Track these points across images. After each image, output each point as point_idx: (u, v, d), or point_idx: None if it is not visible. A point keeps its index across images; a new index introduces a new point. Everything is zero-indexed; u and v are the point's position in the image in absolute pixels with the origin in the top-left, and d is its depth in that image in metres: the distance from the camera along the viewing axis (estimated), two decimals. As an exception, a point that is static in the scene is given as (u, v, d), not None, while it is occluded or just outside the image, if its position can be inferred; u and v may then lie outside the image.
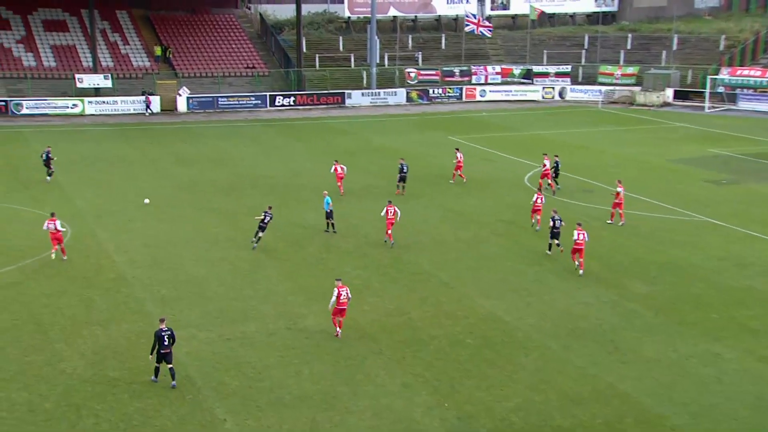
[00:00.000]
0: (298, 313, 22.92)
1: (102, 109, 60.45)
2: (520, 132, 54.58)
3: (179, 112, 62.02)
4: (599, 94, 69.26)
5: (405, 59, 74.45)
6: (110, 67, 64.77)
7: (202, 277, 25.73)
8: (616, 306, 23.67)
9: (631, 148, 48.66)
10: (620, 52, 74.83)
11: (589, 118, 61.57)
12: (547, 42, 78.23)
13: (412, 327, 22.13)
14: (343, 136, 52.52)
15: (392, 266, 26.95)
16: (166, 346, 18.52)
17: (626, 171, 41.48)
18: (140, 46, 67.93)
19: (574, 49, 76.79)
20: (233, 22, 74.32)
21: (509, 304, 23.72)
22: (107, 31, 68.24)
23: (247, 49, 71.13)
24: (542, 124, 58.37)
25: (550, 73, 72.26)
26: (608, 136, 53.13)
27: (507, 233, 30.80)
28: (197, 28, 72.27)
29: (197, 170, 41.58)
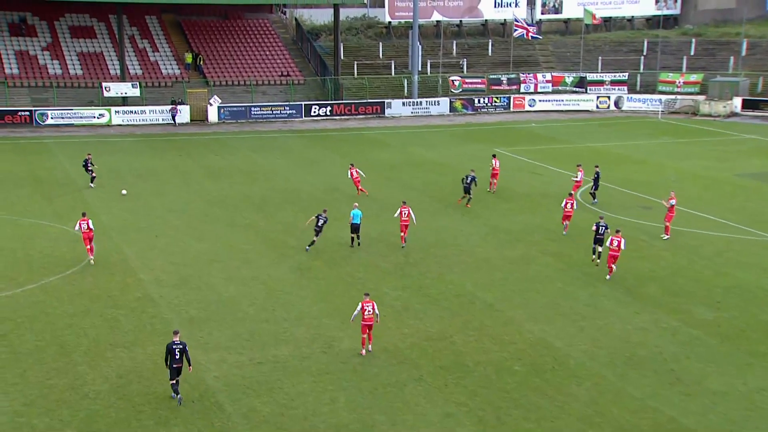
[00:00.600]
0: (333, 336, 23.03)
1: (129, 119, 61.63)
2: (572, 144, 54.25)
3: (210, 122, 62.96)
4: (659, 104, 68.57)
5: (449, 67, 74.67)
6: (138, 75, 66.11)
7: (232, 297, 26.01)
8: (678, 333, 23.34)
9: (694, 161, 48.02)
10: (683, 58, 74.09)
11: (648, 129, 60.95)
12: (603, 48, 77.81)
13: (455, 352, 22.08)
14: (382, 148, 52.77)
15: (433, 287, 26.95)
16: (178, 360, 19.09)
17: (689, 186, 40.97)
18: (170, 53, 69.26)
19: (632, 55, 76.23)
20: (267, 28, 75.41)
21: (560, 329, 23.54)
22: (136, 37, 69.75)
23: (281, 56, 72.06)
24: (596, 135, 57.96)
25: (606, 82, 71.81)
26: (669, 149, 52.52)
27: (558, 252, 30.59)
28: (229, 34, 73.45)
29: (228, 184, 42.14)
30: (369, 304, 21.54)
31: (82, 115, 60.63)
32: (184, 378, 19.92)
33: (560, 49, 78.93)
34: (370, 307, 21.52)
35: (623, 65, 74.38)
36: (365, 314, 21.50)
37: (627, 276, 27.94)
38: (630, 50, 77.07)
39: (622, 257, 28.21)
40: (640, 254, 30.36)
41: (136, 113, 61.97)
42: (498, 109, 69.56)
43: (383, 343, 22.46)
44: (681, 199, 38.06)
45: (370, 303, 21.59)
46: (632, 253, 30.42)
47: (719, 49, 74.62)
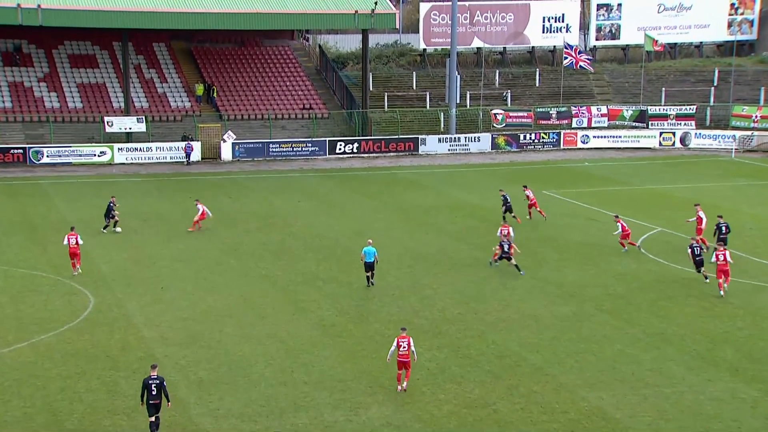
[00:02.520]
0: (360, 401, 22.98)
1: (134, 157, 62.63)
2: (632, 186, 54.07)
3: (223, 160, 63.77)
4: (732, 141, 68.27)
5: (491, 99, 75.15)
6: (144, 109, 67.35)
7: (246, 357, 26.09)
8: (759, 404, 22.96)
9: (773, 207, 47.61)
10: (760, 89, 73.91)
11: (720, 169, 60.61)
12: (667, 78, 77.95)
13: (498, 422, 21.90)
14: (415, 189, 53.01)
15: (473, 347, 26.84)
16: (155, 396, 20.52)
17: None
18: (180, 84, 70.57)
19: (701, 86, 76.22)
20: (288, 56, 76.66)
21: (620, 398, 23.27)
22: (142, 66, 71.25)
23: (303, 87, 73.07)
24: (660, 176, 57.76)
25: (670, 116, 71.75)
26: (744, 192, 52.14)
27: (616, 309, 30.37)
28: (246, 62, 74.75)
29: (243, 229, 42.52)
30: (404, 340, 23.13)
31: (81, 153, 61.77)
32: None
33: (618, 79, 79.18)
34: (405, 343, 23.10)
35: (690, 97, 74.33)
36: (400, 350, 23.04)
37: (698, 338, 27.63)
38: (698, 80, 77.08)
39: (693, 316, 27.91)
40: (712, 313, 30.03)
41: (142, 150, 62.97)
42: (546, 146, 69.70)
43: (416, 411, 22.36)
44: (758, 249, 37.76)
45: (406, 339, 23.18)
46: (704, 311, 30.13)
47: (801, 79, 74.36)
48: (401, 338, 23.20)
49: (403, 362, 23.14)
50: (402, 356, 23.07)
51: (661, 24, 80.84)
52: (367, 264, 32.36)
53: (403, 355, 23.06)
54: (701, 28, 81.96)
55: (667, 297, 31.69)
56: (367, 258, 32.28)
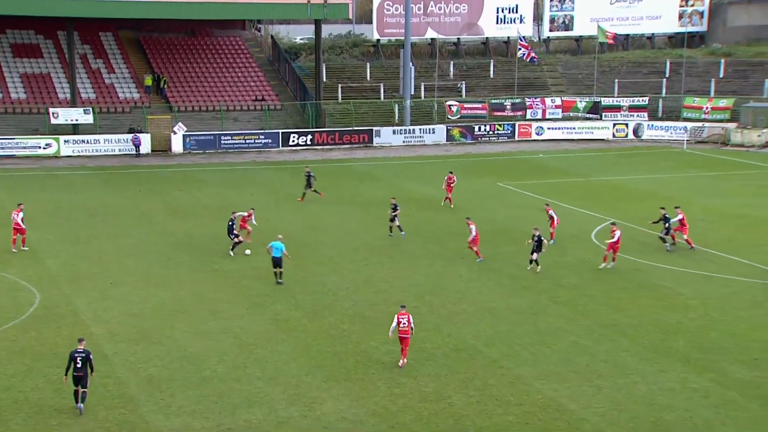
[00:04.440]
0: (314, 396, 22.97)
1: (81, 149, 61.83)
2: (586, 178, 54.67)
3: (174, 152, 63.22)
4: (684, 132, 69.34)
5: (445, 90, 75.42)
6: (92, 100, 66.48)
7: (198, 353, 25.91)
8: (710, 394, 23.36)
9: (725, 198, 48.47)
10: (710, 80, 75.14)
11: (672, 161, 61.54)
12: (619, 69, 78.90)
13: (453, 415, 22.03)
14: (370, 181, 53.03)
15: (429, 340, 26.96)
16: (80, 369, 21.50)
17: (720, 227, 41.29)
18: (128, 74, 69.73)
19: (653, 77, 77.27)
20: (240, 46, 76.13)
21: (574, 389, 23.54)
22: (88, 56, 70.26)
23: (255, 78, 72.65)
24: (613, 168, 58.47)
25: (623, 107, 72.67)
26: (696, 184, 53.00)
27: (570, 301, 30.70)
28: (196, 53, 74.11)
29: (195, 223, 42.19)
30: (404, 317, 24.47)
31: (25, 145, 60.82)
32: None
33: (571, 70, 79.95)
34: (405, 319, 24.43)
35: (643, 89, 75.32)
36: (400, 326, 24.41)
37: (650, 328, 28.05)
38: (650, 72, 78.14)
39: (646, 308, 28.33)
40: (664, 303, 30.51)
41: (89, 143, 62.20)
42: (501, 138, 70.18)
43: (371, 405, 22.41)
44: (709, 240, 38.41)
45: (406, 315, 24.53)
46: (656, 302, 30.60)
47: (752, 71, 75.77)
48: (401, 315, 24.51)
49: (403, 338, 24.53)
50: (402, 332, 24.45)
51: (613, 15, 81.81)
52: (274, 259, 32.10)
53: (403, 331, 24.44)
54: (653, 19, 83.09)
55: (620, 288, 32.13)
56: (274, 253, 32.05)
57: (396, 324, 24.53)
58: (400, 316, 24.53)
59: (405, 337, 24.57)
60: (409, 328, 24.51)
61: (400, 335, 24.58)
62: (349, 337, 27.23)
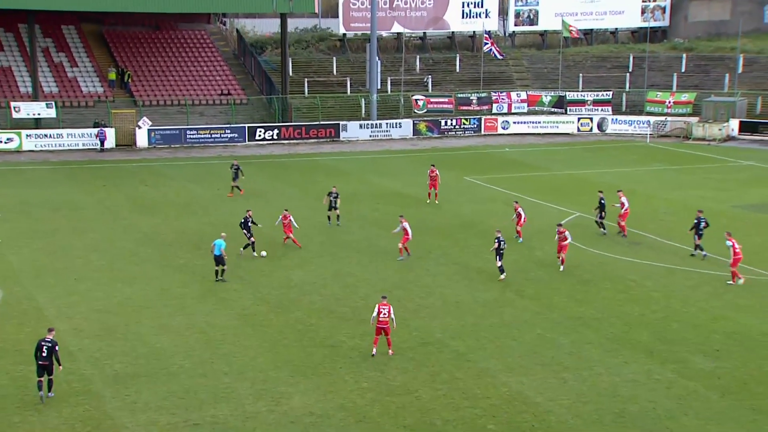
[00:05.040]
0: (281, 391, 22.95)
1: (44, 144, 61.12)
2: (551, 172, 55.03)
3: (139, 147, 62.71)
4: (647, 126, 70.02)
5: (412, 84, 75.47)
6: (54, 94, 65.69)
7: (164, 348, 25.79)
8: (673, 385, 23.66)
9: (687, 191, 49.03)
10: (673, 75, 75.89)
11: (636, 154, 62.12)
12: (584, 63, 79.42)
13: (420, 409, 22.12)
14: (336, 176, 52.94)
15: (396, 334, 26.97)
16: (45, 358, 21.90)
17: (682, 220, 41.73)
18: (91, 68, 68.99)
19: (617, 71, 77.88)
20: (205, 40, 75.60)
21: (540, 382, 23.73)
22: (51, 50, 69.40)
23: (221, 72, 72.21)
24: (578, 162, 58.89)
25: (587, 101, 73.19)
26: (659, 177, 53.55)
27: (536, 295, 30.92)
28: (161, 47, 73.48)
29: (161, 219, 41.90)
30: (385, 307, 24.78)
31: (-14, 140, 59.96)
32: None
33: (536, 64, 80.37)
34: (386, 309, 24.75)
35: (607, 83, 75.90)
36: (381, 316, 24.67)
37: (614, 321, 28.34)
38: (614, 66, 78.73)
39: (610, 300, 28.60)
40: (628, 296, 30.84)
41: (52, 137, 61.51)
42: (467, 132, 70.39)
43: (339, 399, 22.44)
44: (672, 233, 38.85)
45: (387, 306, 24.84)
46: (620, 294, 30.92)
47: (713, 66, 76.60)
48: (382, 305, 24.83)
49: (381, 328, 24.76)
50: (381, 322, 24.71)
51: (577, 10, 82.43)
52: (216, 257, 31.85)
53: (383, 321, 24.71)
54: (616, 14, 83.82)
55: (585, 281, 32.43)
56: (215, 251, 31.85)
57: (377, 314, 24.80)
58: (381, 306, 24.84)
59: (384, 327, 24.86)
60: (389, 318, 24.82)
61: (379, 325, 24.81)
62: (316, 331, 27.23)
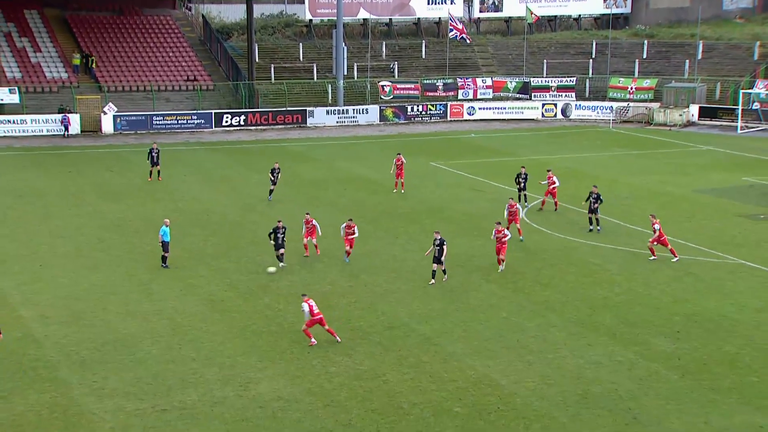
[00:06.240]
0: (249, 377, 22.89)
1: (7, 129, 60.30)
2: (517, 157, 55.20)
3: (104, 133, 62.06)
4: (610, 112, 70.49)
5: (378, 70, 75.31)
6: (17, 79, 64.72)
7: (132, 334, 25.62)
8: (635, 367, 23.91)
9: (648, 176, 49.45)
10: (635, 61, 76.40)
11: (599, 140, 62.55)
12: (548, 50, 79.69)
13: (388, 392, 22.17)
14: (304, 162, 52.79)
15: (363, 318, 27.04)
16: None
17: (643, 203, 42.13)
18: (55, 53, 68.03)
19: (580, 58, 78.26)
20: (170, 26, 74.81)
21: (505, 365, 23.87)
22: (13, 35, 68.32)
23: (187, 58, 71.53)
24: (543, 147, 59.18)
25: (552, 87, 73.49)
26: (621, 162, 53.97)
27: (502, 279, 31.06)
28: (126, 32, 72.61)
29: (127, 205, 41.53)
30: (311, 301, 24.59)
31: (-51, 126, 59.03)
32: (74, 431, 19.74)
33: (501, 51, 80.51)
34: (312, 303, 24.55)
35: (570, 69, 76.26)
36: (314, 311, 24.48)
37: (578, 304, 28.56)
38: (577, 53, 79.09)
39: (574, 284, 28.81)
40: (592, 279, 31.08)
41: (15, 123, 60.70)
42: (434, 118, 70.44)
43: (307, 384, 22.42)
44: (634, 217, 39.21)
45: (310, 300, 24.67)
46: (584, 278, 31.16)
47: (673, 52, 77.21)
48: (307, 300, 24.64)
49: (317, 320, 24.61)
50: (317, 314, 24.58)
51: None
52: (164, 243, 31.61)
53: (317, 314, 24.59)
54: (579, 1, 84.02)
55: (549, 265, 32.63)
56: (164, 238, 31.62)
57: (308, 309, 24.48)
58: (308, 301, 24.56)
59: (321, 318, 24.64)
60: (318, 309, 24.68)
61: (315, 318, 24.53)
62: (284, 317, 27.16)
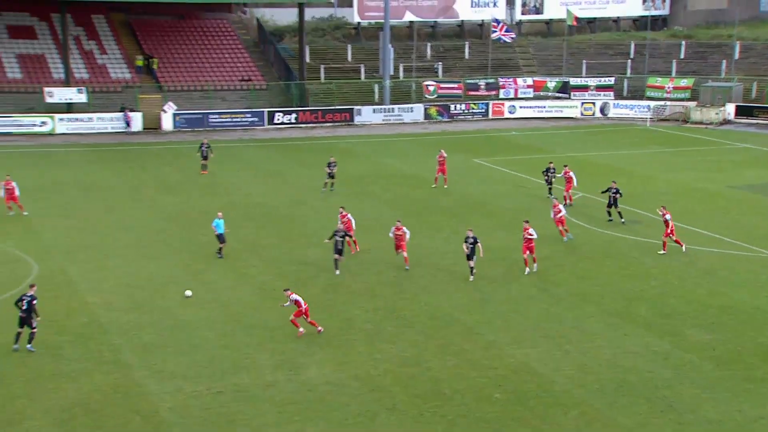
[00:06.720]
0: (299, 362, 22.99)
1: (75, 127, 61.17)
2: (556, 154, 54.64)
3: (164, 130, 62.73)
4: (647, 111, 69.50)
5: (423, 71, 75.11)
6: (85, 80, 65.68)
7: (189, 321, 25.87)
8: (670, 357, 23.60)
9: (684, 172, 48.70)
10: (672, 61, 75.23)
11: (636, 137, 61.72)
12: (587, 51, 78.81)
13: (431, 379, 22.12)
14: (351, 158, 52.85)
15: (407, 308, 27.01)
16: (24, 311, 23.04)
17: (679, 199, 41.51)
18: (120, 55, 68.94)
19: (619, 58, 77.27)
20: (227, 29, 75.37)
21: (544, 353, 23.69)
22: (81, 38, 69.32)
23: (242, 60, 72.02)
24: (581, 144, 58.56)
25: (590, 87, 72.66)
26: (658, 159, 53.21)
27: (541, 272, 30.81)
28: (185, 35, 73.30)
29: (185, 198, 41.94)
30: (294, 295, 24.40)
31: (21, 123, 60.08)
32: (136, 410, 20.02)
33: (542, 51, 79.79)
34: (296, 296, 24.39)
35: (609, 69, 75.34)
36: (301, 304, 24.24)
37: (615, 296, 28.23)
38: (616, 53, 78.12)
39: (611, 276, 28.45)
40: (629, 272, 30.70)
41: (83, 121, 61.56)
42: (476, 116, 70.08)
43: (353, 370, 22.46)
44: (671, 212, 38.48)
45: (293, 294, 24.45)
46: (621, 271, 30.79)
47: (711, 52, 75.90)
48: (291, 294, 24.43)
49: (302, 312, 24.44)
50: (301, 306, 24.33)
51: (581, 0, 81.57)
52: (218, 235, 31.95)
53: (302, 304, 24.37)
54: (618, 3, 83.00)
55: (587, 258, 32.31)
56: (218, 229, 31.95)
57: (293, 303, 24.37)
58: (292, 295, 24.37)
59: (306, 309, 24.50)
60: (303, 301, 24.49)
61: (300, 310, 24.39)
62: (332, 305, 27.23)
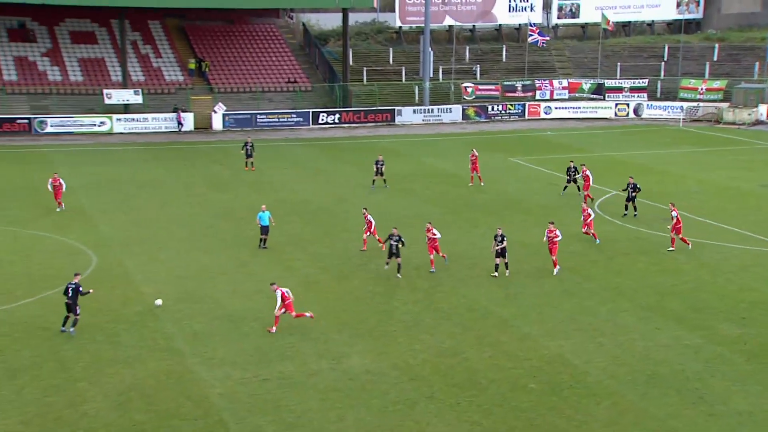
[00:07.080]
0: (341, 352, 23.07)
1: (131, 127, 62.07)
2: (590, 153, 54.18)
3: (214, 130, 63.34)
4: (680, 112, 68.53)
5: (461, 73, 74.87)
6: (141, 82, 66.59)
7: (237, 311, 26.09)
8: (701, 350, 23.25)
9: (717, 172, 47.92)
10: (705, 64, 74.08)
11: (669, 138, 60.86)
12: (622, 53, 77.90)
13: (468, 369, 22.06)
14: (392, 157, 52.82)
15: (445, 301, 26.96)
16: (70, 297, 23.59)
17: (712, 198, 40.87)
18: (173, 58, 69.74)
19: (652, 61, 76.26)
20: (274, 33, 75.85)
21: (578, 346, 23.49)
22: (138, 42, 70.28)
23: (288, 62, 72.42)
24: (615, 144, 57.92)
25: (625, 88, 71.84)
26: (691, 159, 52.43)
27: (575, 266, 30.55)
28: (235, 39, 73.92)
29: (233, 195, 42.31)
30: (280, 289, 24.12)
31: (82, 123, 61.10)
32: (188, 395, 20.23)
33: (577, 54, 79.06)
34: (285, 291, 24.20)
35: (643, 71, 74.43)
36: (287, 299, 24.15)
37: (648, 291, 27.89)
38: (650, 56, 77.12)
39: (644, 272, 28.10)
40: (661, 268, 30.30)
41: (139, 121, 62.42)
42: (512, 117, 69.70)
43: (393, 359, 22.48)
44: (704, 211, 38.06)
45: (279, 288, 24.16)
46: (653, 266, 30.40)
47: (743, 55, 74.60)
48: (277, 288, 24.16)
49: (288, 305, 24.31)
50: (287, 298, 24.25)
51: (616, 3, 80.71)
52: (262, 227, 32.21)
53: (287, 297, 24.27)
54: (653, 7, 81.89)
55: (621, 254, 31.95)
56: (261, 222, 32.18)
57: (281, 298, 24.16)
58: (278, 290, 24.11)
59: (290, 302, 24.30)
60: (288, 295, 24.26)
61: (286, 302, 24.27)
62: (372, 298, 27.27)
